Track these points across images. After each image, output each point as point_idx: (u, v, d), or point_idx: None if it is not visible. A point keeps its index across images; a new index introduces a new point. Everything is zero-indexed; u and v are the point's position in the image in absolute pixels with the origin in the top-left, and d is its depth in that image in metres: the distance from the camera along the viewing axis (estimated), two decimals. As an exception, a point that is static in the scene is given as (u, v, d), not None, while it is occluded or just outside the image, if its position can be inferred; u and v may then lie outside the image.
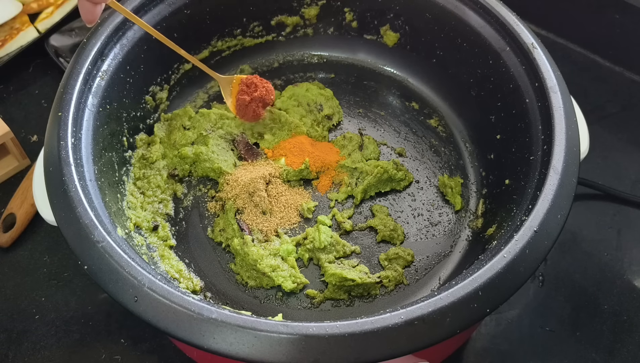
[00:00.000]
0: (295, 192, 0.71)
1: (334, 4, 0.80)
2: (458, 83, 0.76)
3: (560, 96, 0.60)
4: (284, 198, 0.70)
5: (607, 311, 0.72)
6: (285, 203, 0.70)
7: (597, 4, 0.92)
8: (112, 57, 0.65)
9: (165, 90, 0.75)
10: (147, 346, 0.69)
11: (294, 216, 0.69)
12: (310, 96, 0.78)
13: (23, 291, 0.73)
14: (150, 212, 0.67)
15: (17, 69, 0.94)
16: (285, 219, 0.69)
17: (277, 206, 0.69)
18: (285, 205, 0.70)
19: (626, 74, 0.95)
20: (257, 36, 0.82)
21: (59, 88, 0.61)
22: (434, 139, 0.77)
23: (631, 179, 0.84)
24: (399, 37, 0.80)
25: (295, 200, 0.70)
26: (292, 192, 0.71)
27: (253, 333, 0.45)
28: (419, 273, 0.66)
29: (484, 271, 0.49)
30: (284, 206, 0.70)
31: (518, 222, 0.54)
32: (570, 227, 0.79)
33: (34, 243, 0.77)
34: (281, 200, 0.70)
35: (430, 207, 0.71)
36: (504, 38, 0.67)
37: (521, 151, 0.63)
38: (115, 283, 0.49)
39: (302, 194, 0.71)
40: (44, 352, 0.69)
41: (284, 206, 0.70)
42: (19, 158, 0.82)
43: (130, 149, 0.70)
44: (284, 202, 0.70)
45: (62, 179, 0.54)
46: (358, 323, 0.46)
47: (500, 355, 0.70)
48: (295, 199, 0.70)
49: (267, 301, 0.64)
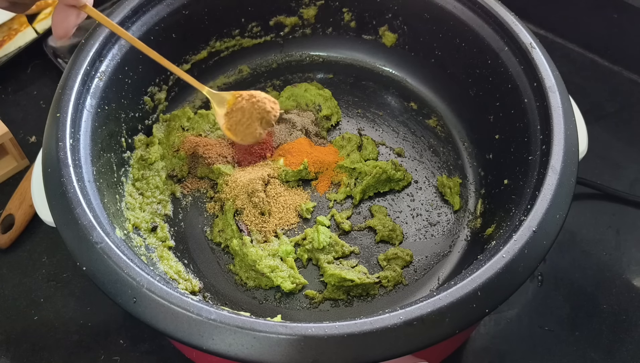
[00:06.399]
0: (294, 193, 0.71)
1: (332, 4, 0.80)
2: (456, 83, 0.76)
3: (558, 95, 0.60)
4: (283, 198, 0.70)
5: (606, 311, 0.73)
6: (284, 203, 0.70)
7: (596, 3, 0.92)
8: (110, 58, 0.65)
9: (164, 91, 0.75)
10: (146, 347, 0.69)
11: (292, 217, 0.69)
12: (308, 97, 0.78)
13: (22, 293, 0.73)
14: (149, 213, 0.67)
15: (15, 69, 0.94)
16: (284, 219, 0.69)
17: (276, 207, 0.69)
18: (284, 206, 0.70)
19: (625, 73, 0.95)
20: (256, 37, 0.82)
21: (57, 89, 0.61)
22: (433, 139, 0.77)
23: (630, 179, 0.84)
24: (397, 38, 0.80)
25: (294, 201, 0.70)
26: (290, 193, 0.71)
27: (252, 334, 0.45)
28: (418, 273, 0.66)
29: (483, 271, 0.49)
30: (282, 206, 0.70)
31: (517, 222, 0.54)
32: (569, 227, 0.79)
33: (33, 244, 0.77)
34: (280, 201, 0.70)
35: (429, 207, 0.71)
36: (503, 38, 0.67)
37: (520, 151, 0.63)
38: (114, 284, 0.49)
39: (301, 194, 0.71)
40: (43, 353, 0.69)
41: (283, 206, 0.70)
42: (18, 158, 0.82)
43: (128, 150, 0.69)
44: (283, 203, 0.70)
45: (61, 180, 0.54)
46: (357, 324, 0.46)
47: (500, 355, 0.70)
48: (294, 200, 0.70)
49: (266, 302, 0.64)
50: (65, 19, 0.50)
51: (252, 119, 0.67)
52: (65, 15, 0.50)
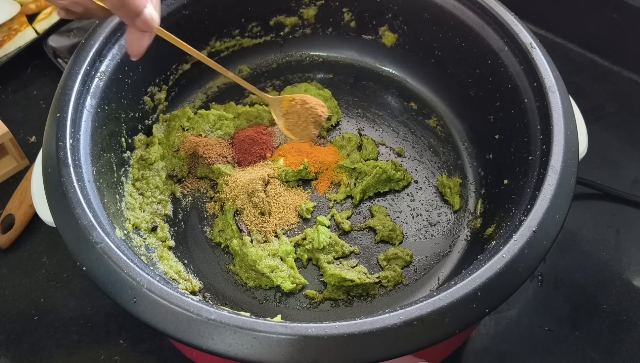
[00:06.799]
0: (294, 193, 0.71)
1: (332, 5, 0.80)
2: (457, 83, 0.76)
3: (558, 95, 0.60)
4: (283, 198, 0.70)
5: (606, 311, 0.73)
6: (284, 203, 0.70)
7: (596, 3, 0.92)
8: (110, 58, 0.65)
9: (164, 91, 0.75)
10: (146, 347, 0.69)
11: (292, 217, 0.69)
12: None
13: (22, 293, 0.73)
14: (149, 213, 0.67)
15: (15, 70, 0.94)
16: (284, 219, 0.69)
17: (276, 207, 0.69)
18: (284, 206, 0.70)
19: (625, 73, 0.95)
20: (256, 37, 0.82)
21: (57, 89, 0.61)
22: (433, 139, 0.77)
23: (630, 179, 0.84)
24: (397, 38, 0.80)
25: (294, 201, 0.70)
26: (290, 193, 0.71)
27: (252, 334, 0.45)
28: (418, 273, 0.66)
29: (483, 271, 0.49)
30: (282, 206, 0.69)
31: (517, 222, 0.54)
32: (569, 227, 0.79)
33: (33, 244, 0.77)
34: (280, 201, 0.70)
35: (429, 207, 0.71)
36: (503, 38, 0.67)
37: (520, 150, 0.63)
38: (114, 284, 0.49)
39: (301, 194, 0.71)
40: (43, 353, 0.69)
41: (283, 206, 0.70)
42: (18, 158, 0.82)
43: (128, 150, 0.69)
44: (283, 203, 0.70)
45: (61, 180, 0.54)
46: (357, 324, 0.46)
47: (500, 355, 0.70)
48: (294, 200, 0.70)
49: (266, 302, 0.64)
50: (138, 40, 0.52)
51: (307, 122, 0.73)
52: (138, 37, 0.52)
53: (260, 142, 0.73)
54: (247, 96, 0.81)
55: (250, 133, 0.74)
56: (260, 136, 0.74)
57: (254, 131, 0.74)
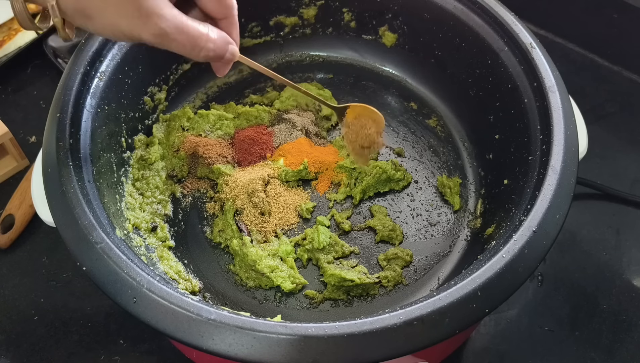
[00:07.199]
0: (294, 193, 0.71)
1: (332, 5, 0.80)
2: (457, 83, 0.76)
3: (558, 95, 0.60)
4: (283, 198, 0.70)
5: (606, 311, 0.73)
6: (284, 203, 0.70)
7: (596, 3, 0.92)
8: (110, 58, 0.65)
9: (164, 91, 0.75)
10: (146, 347, 0.69)
11: (292, 217, 0.69)
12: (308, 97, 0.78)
13: (22, 293, 0.73)
14: (149, 213, 0.67)
15: (15, 69, 0.94)
16: (284, 219, 0.69)
17: (276, 207, 0.69)
18: (284, 206, 0.70)
19: (625, 73, 0.95)
20: (256, 37, 0.82)
21: (57, 89, 0.61)
22: (433, 139, 0.77)
23: (630, 179, 0.84)
24: (397, 38, 0.80)
25: (294, 201, 0.70)
26: (290, 193, 0.71)
27: (252, 334, 0.45)
28: (418, 273, 0.66)
29: (483, 271, 0.49)
30: (282, 206, 0.69)
31: (517, 222, 0.54)
32: (569, 227, 0.79)
33: (33, 244, 0.77)
34: (280, 201, 0.70)
35: (429, 207, 0.71)
36: (503, 38, 0.67)
37: (520, 151, 0.63)
38: (114, 284, 0.49)
39: (301, 194, 0.71)
40: (43, 353, 0.69)
41: (283, 206, 0.70)
42: (18, 158, 0.82)
43: (128, 150, 0.69)
44: (283, 203, 0.70)
45: (61, 180, 0.54)
46: (357, 324, 0.46)
47: (500, 355, 0.70)
48: (294, 200, 0.70)
49: (266, 302, 0.64)
50: (223, 67, 0.59)
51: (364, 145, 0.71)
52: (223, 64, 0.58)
53: (260, 142, 0.73)
54: (247, 96, 0.81)
55: (250, 133, 0.74)
56: (260, 136, 0.74)
57: (254, 131, 0.74)
